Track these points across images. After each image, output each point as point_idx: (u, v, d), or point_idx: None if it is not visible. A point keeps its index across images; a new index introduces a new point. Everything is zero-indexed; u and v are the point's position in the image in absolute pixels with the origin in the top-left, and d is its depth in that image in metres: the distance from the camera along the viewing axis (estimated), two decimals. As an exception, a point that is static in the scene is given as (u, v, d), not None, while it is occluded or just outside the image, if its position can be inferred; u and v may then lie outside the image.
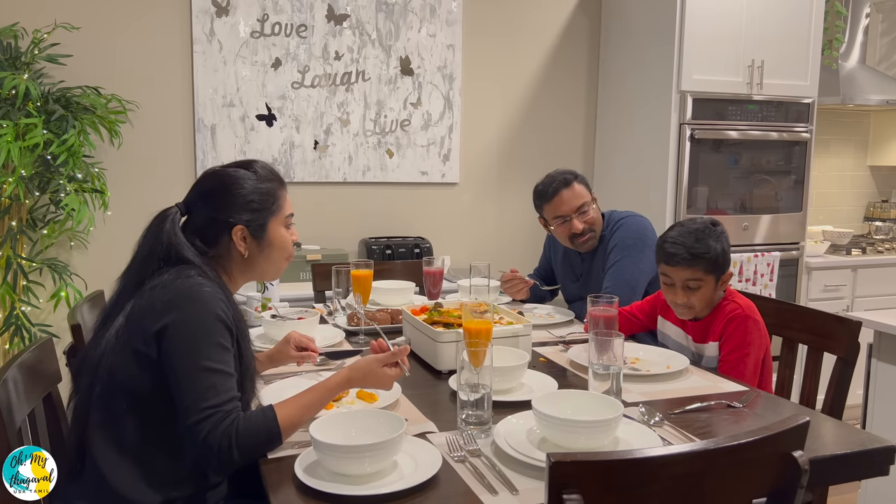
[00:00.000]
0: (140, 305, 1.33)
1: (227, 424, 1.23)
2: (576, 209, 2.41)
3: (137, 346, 1.30)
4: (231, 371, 1.30)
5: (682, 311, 1.96)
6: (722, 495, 0.96)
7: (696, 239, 1.89)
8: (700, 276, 1.89)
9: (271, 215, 1.48)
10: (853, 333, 1.83)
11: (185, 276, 1.33)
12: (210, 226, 1.44)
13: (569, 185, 2.41)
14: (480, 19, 3.62)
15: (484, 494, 1.16)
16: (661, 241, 1.96)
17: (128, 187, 3.13)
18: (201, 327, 1.28)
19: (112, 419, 1.32)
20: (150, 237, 1.41)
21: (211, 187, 1.46)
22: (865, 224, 4.47)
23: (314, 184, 3.41)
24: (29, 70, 2.81)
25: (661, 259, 1.95)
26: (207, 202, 1.45)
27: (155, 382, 1.29)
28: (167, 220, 1.41)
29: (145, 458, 1.31)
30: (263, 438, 1.27)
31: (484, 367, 1.36)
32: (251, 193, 1.45)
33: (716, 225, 1.94)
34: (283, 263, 1.54)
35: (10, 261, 2.75)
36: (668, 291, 1.96)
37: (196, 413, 1.23)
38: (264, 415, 1.28)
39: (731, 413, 1.54)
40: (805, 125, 3.53)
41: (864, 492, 2.49)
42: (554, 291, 2.72)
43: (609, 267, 2.37)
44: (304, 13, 3.31)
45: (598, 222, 2.45)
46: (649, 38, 3.44)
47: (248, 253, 1.46)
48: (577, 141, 3.88)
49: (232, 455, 1.23)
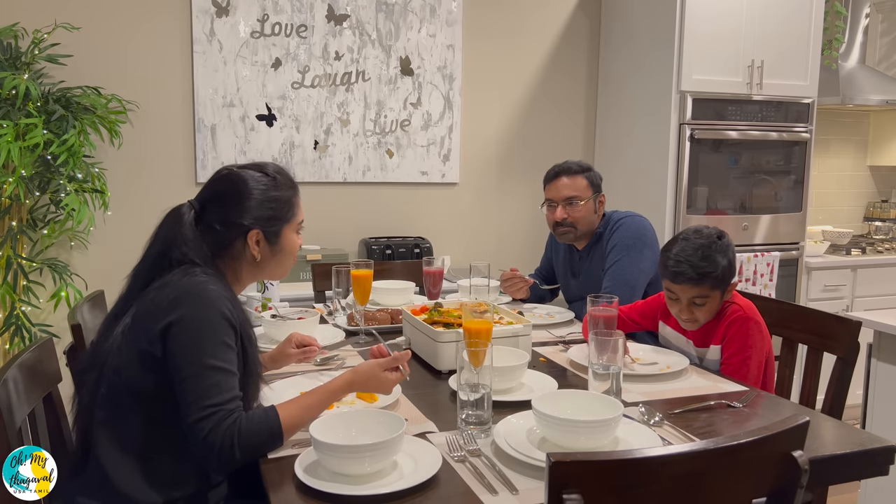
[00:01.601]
0: (146, 304, 1.33)
1: (229, 423, 1.23)
2: (565, 198, 2.42)
3: (143, 345, 1.30)
4: (234, 370, 1.30)
5: (687, 324, 1.94)
6: (722, 495, 0.96)
7: (703, 256, 1.84)
8: (706, 292, 1.86)
9: (286, 222, 1.50)
10: (853, 333, 1.83)
11: (190, 275, 1.33)
12: (224, 227, 1.43)
13: (571, 175, 2.43)
14: (480, 19, 3.62)
15: (484, 494, 1.16)
16: (665, 258, 1.90)
17: (128, 187, 3.13)
18: (207, 325, 1.29)
19: (117, 418, 1.32)
20: (163, 235, 1.41)
21: (228, 189, 1.46)
22: (865, 224, 4.47)
23: (314, 184, 3.41)
24: (29, 70, 2.81)
25: (665, 275, 1.90)
26: (223, 204, 1.44)
27: (159, 382, 1.29)
28: (181, 218, 1.41)
29: (148, 457, 1.31)
30: (265, 438, 1.27)
31: (484, 367, 1.36)
32: (269, 200, 1.46)
33: (721, 238, 1.89)
34: (290, 266, 1.57)
35: (11, 261, 2.75)
36: (672, 305, 1.93)
37: (198, 411, 1.23)
38: (267, 415, 1.29)
39: (731, 413, 1.54)
40: (805, 125, 3.54)
41: (863, 492, 2.49)
42: (554, 291, 2.72)
43: (608, 267, 2.37)
44: (304, 13, 3.31)
45: (584, 220, 2.43)
46: (649, 38, 3.44)
47: (261, 257, 1.47)
48: (577, 141, 3.88)
49: (234, 454, 1.23)
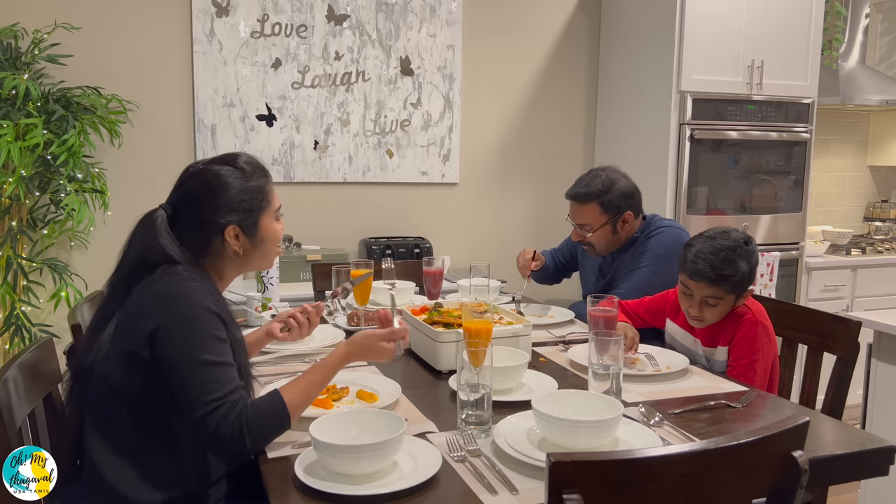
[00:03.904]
0: (130, 309, 1.32)
1: (236, 413, 1.23)
2: (578, 223, 2.41)
3: (130, 348, 1.29)
4: (231, 361, 1.30)
5: (694, 322, 1.94)
6: (722, 495, 0.96)
7: (726, 259, 1.82)
8: (721, 295, 1.85)
9: (262, 212, 1.47)
10: (853, 333, 1.83)
11: (171, 274, 1.32)
12: (200, 228, 1.41)
13: (580, 203, 2.37)
14: (480, 20, 3.62)
15: (484, 494, 1.16)
16: (687, 252, 1.88)
17: (128, 187, 3.13)
18: (195, 322, 1.28)
19: (107, 422, 1.32)
20: (137, 241, 1.38)
21: (197, 189, 1.42)
22: (865, 224, 4.47)
23: (314, 184, 3.41)
24: (29, 70, 2.81)
25: (683, 269, 1.89)
26: (195, 204, 1.42)
27: (148, 384, 1.29)
28: (155, 223, 1.38)
29: (143, 457, 1.30)
30: (274, 423, 1.27)
31: (484, 367, 1.36)
32: (240, 193, 1.42)
33: (748, 243, 1.86)
34: (275, 254, 1.54)
35: (11, 261, 2.75)
36: (684, 300, 1.93)
37: (203, 406, 1.23)
38: (272, 399, 1.29)
39: (731, 413, 1.54)
40: (805, 125, 3.54)
41: (863, 492, 2.49)
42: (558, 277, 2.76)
43: (632, 270, 2.34)
44: (304, 13, 3.31)
45: (601, 243, 2.39)
46: (649, 38, 3.44)
47: (243, 251, 1.45)
48: (577, 141, 3.88)
49: (244, 443, 1.23)
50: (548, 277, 2.76)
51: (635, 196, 2.39)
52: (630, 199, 2.37)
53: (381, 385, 1.64)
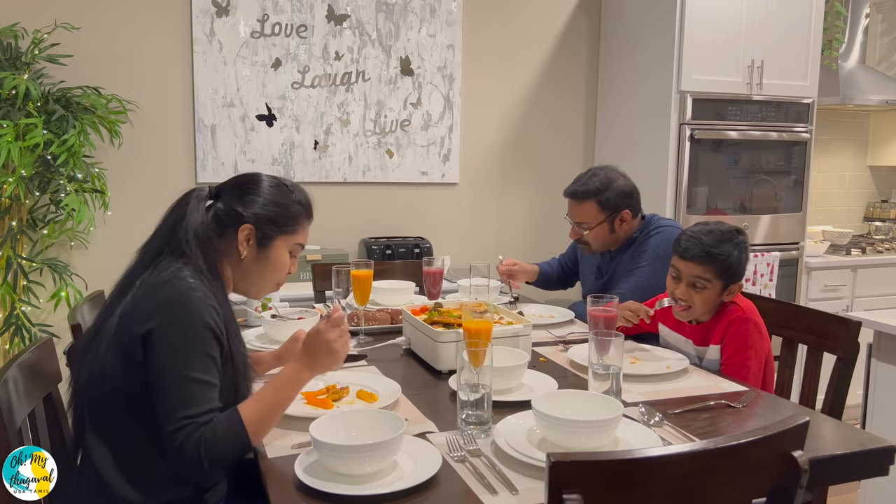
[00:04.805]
0: (132, 303, 1.31)
1: (196, 437, 1.22)
2: (575, 221, 2.42)
3: (126, 345, 1.29)
4: (214, 381, 1.29)
5: (680, 312, 1.94)
6: (722, 495, 0.96)
7: (716, 240, 1.86)
8: (709, 276, 1.86)
9: (282, 233, 1.48)
10: (853, 333, 1.83)
11: (178, 278, 1.31)
12: (225, 213, 1.45)
13: (578, 200, 2.39)
14: (480, 19, 3.62)
15: (484, 494, 1.16)
16: (680, 236, 1.93)
17: (128, 187, 3.13)
18: (188, 336, 1.27)
19: (106, 421, 1.31)
20: (174, 210, 1.44)
21: (243, 181, 1.50)
22: (865, 224, 4.48)
23: (314, 184, 3.41)
24: (29, 70, 2.81)
25: (675, 251, 1.92)
26: (234, 191, 1.47)
27: (142, 384, 1.28)
28: (192, 197, 1.44)
29: (141, 459, 1.30)
30: (232, 445, 1.25)
31: (484, 367, 1.36)
32: (273, 203, 1.47)
33: (740, 233, 1.90)
34: (271, 287, 1.53)
35: (11, 261, 2.75)
36: (672, 284, 1.94)
37: (174, 422, 1.23)
38: (230, 419, 1.26)
39: (731, 413, 1.54)
40: (805, 125, 3.54)
41: (863, 492, 2.50)
42: (562, 283, 2.76)
43: (632, 270, 2.34)
44: (304, 13, 3.31)
45: (598, 241, 2.40)
46: (649, 38, 3.44)
47: (245, 256, 1.45)
48: (577, 141, 3.88)
49: (202, 465, 1.22)
50: (552, 283, 2.77)
51: (633, 195, 2.39)
52: (628, 197, 2.37)
53: (381, 385, 1.64)
